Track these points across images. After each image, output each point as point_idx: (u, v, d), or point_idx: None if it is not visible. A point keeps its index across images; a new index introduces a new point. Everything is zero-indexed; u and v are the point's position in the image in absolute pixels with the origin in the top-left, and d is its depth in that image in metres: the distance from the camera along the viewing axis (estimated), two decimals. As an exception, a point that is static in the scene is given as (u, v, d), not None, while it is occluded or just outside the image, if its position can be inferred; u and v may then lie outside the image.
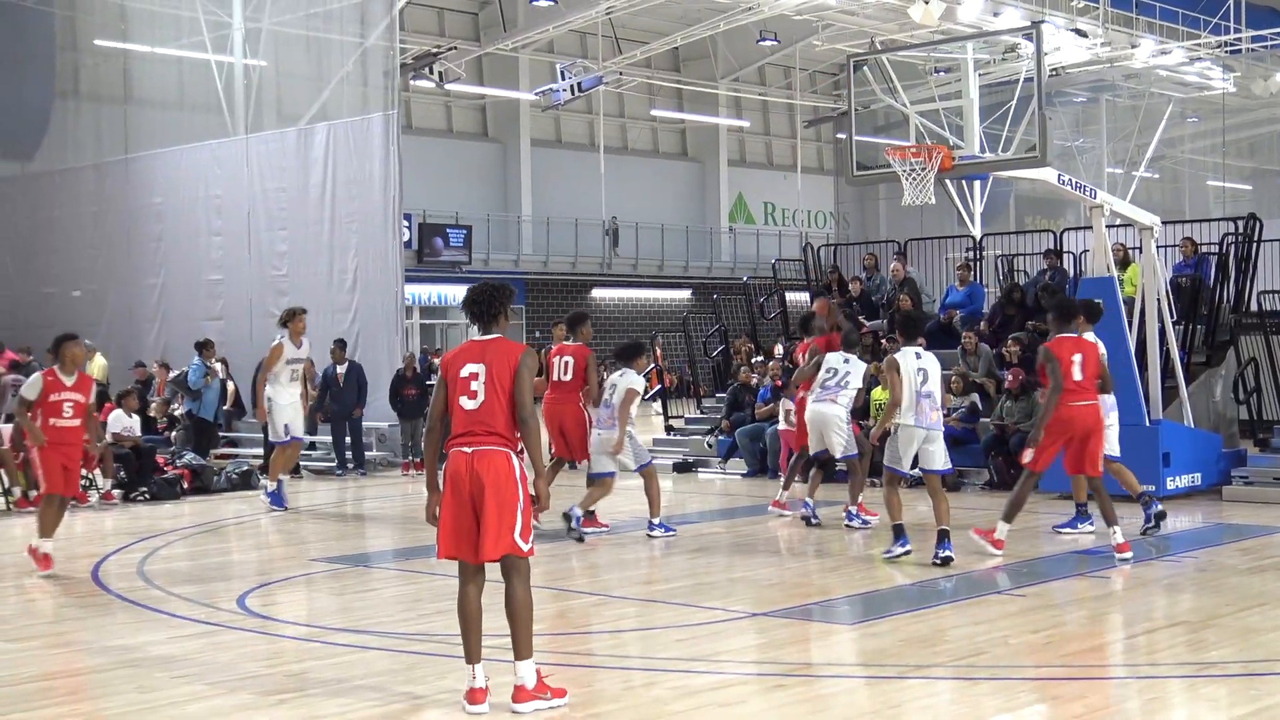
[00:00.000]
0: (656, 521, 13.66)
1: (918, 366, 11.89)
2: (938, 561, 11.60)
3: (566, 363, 13.77)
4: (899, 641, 9.12)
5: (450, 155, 45.27)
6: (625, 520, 14.54)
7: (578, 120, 49.20)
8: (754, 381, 20.68)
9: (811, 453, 14.20)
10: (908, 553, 11.97)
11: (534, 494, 7.34)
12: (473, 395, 7.20)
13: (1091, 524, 13.24)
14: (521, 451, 7.29)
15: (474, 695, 7.27)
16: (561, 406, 13.81)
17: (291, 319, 16.43)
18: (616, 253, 46.40)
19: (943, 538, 11.72)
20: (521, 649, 7.25)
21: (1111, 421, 12.94)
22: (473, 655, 7.29)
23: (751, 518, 15.41)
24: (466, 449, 7.18)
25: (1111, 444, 12.95)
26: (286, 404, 16.56)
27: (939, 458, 11.94)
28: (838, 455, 14.02)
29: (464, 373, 7.25)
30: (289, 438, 16.60)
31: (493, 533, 7.11)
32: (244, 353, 22.57)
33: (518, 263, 44.80)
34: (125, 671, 8.32)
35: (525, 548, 7.22)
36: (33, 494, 17.11)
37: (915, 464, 12.03)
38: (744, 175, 54.89)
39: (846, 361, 13.91)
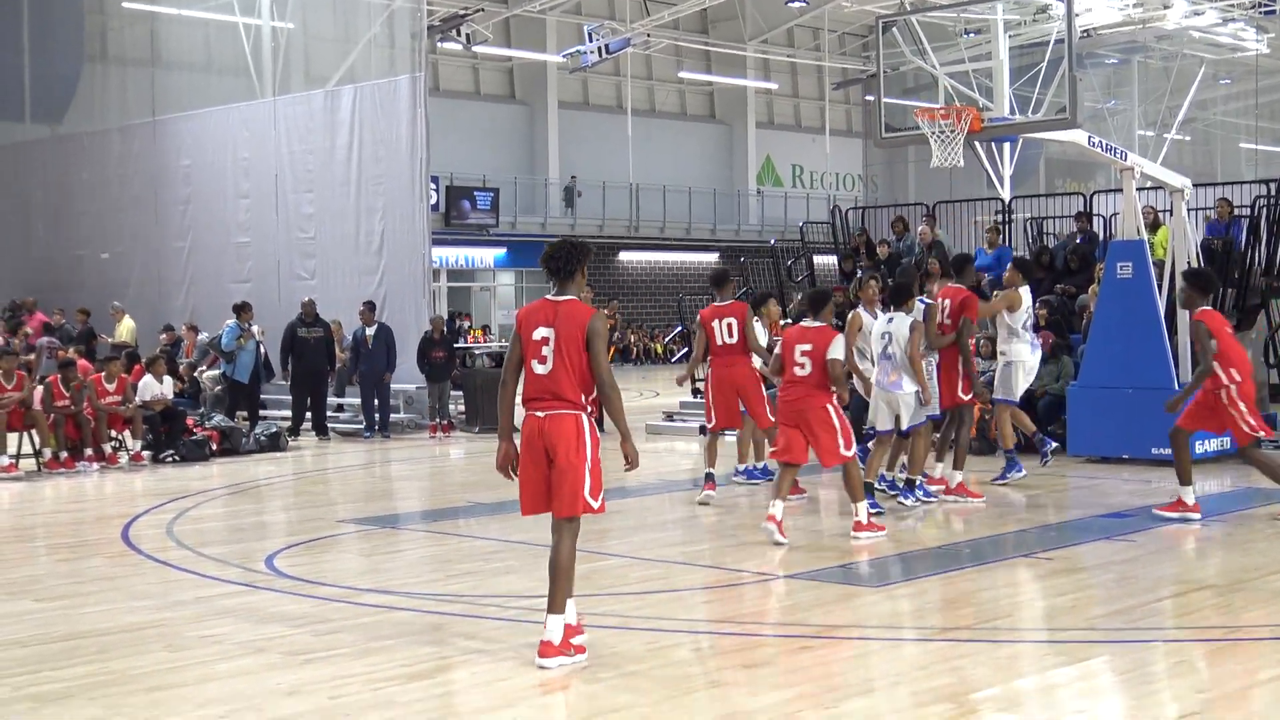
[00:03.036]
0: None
1: (884, 330, 12.42)
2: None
3: (730, 324, 13.28)
4: (925, 604, 9.13)
5: (477, 117, 45.27)
6: (651, 482, 14.55)
7: (605, 82, 49.09)
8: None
9: (880, 428, 12.86)
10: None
11: (625, 454, 7.51)
12: (543, 360, 7.37)
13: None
14: (591, 413, 7.47)
15: (545, 649, 7.33)
16: (734, 370, 13.40)
17: (871, 282, 14.05)
18: (573, 212, 45.96)
19: (908, 486, 12.85)
20: (556, 603, 7.36)
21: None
22: (555, 606, 7.40)
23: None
24: (539, 413, 7.39)
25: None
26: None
27: (905, 417, 12.43)
28: (905, 426, 12.76)
29: (536, 335, 7.41)
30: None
31: (566, 490, 7.33)
32: (272, 315, 22.63)
33: (544, 225, 44.77)
34: (155, 631, 8.39)
35: (596, 505, 7.43)
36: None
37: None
38: (772, 137, 54.73)
39: (890, 320, 12.57)
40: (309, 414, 21.18)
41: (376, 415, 21.37)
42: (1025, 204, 23.72)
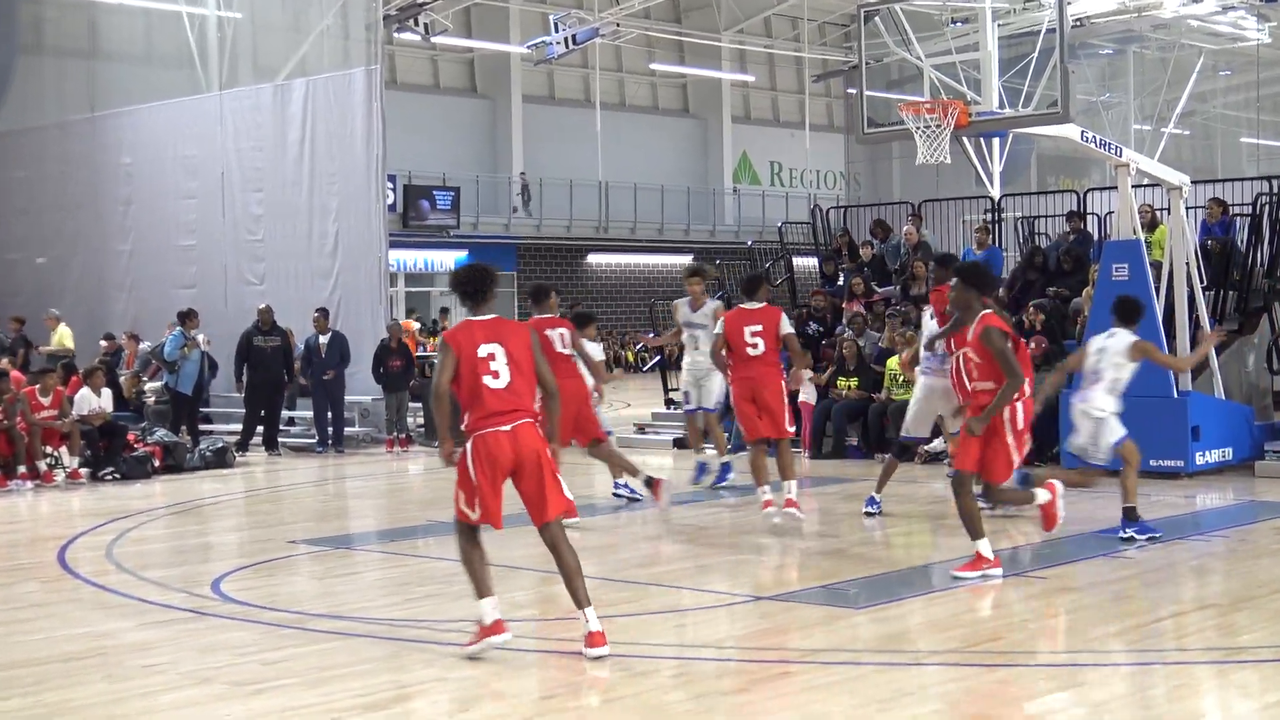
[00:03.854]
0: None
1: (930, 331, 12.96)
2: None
3: (562, 334, 13.18)
4: (912, 626, 9.14)
5: (437, 112, 45.15)
6: (622, 500, 14.52)
7: (572, 75, 49.06)
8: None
9: (910, 434, 13.38)
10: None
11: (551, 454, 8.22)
12: (495, 375, 7.98)
13: None
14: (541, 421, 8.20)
15: (496, 627, 7.98)
16: (572, 381, 12.88)
17: (690, 277, 15.27)
18: (529, 212, 45.82)
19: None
20: (586, 597, 8.05)
21: None
22: (483, 590, 8.05)
23: (754, 495, 15.36)
24: (505, 427, 7.95)
25: None
26: (684, 370, 15.91)
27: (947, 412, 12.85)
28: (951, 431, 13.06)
29: (481, 352, 7.98)
30: (691, 407, 15.83)
31: (552, 495, 8.02)
32: (218, 322, 22.53)
33: (508, 226, 44.71)
34: (94, 660, 8.34)
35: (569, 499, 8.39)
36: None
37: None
38: (749, 133, 54.77)
39: (933, 318, 13.02)
40: (260, 428, 21.07)
41: (330, 428, 21.28)
42: (1016, 202, 23.80)
